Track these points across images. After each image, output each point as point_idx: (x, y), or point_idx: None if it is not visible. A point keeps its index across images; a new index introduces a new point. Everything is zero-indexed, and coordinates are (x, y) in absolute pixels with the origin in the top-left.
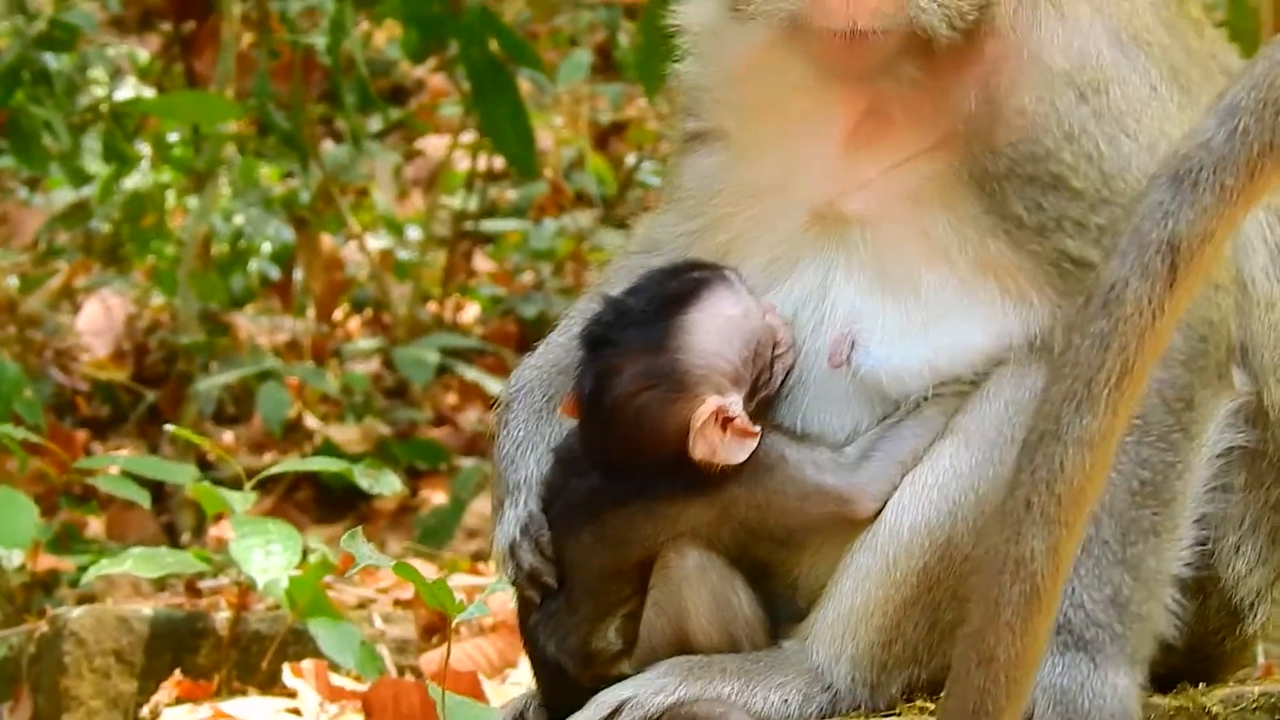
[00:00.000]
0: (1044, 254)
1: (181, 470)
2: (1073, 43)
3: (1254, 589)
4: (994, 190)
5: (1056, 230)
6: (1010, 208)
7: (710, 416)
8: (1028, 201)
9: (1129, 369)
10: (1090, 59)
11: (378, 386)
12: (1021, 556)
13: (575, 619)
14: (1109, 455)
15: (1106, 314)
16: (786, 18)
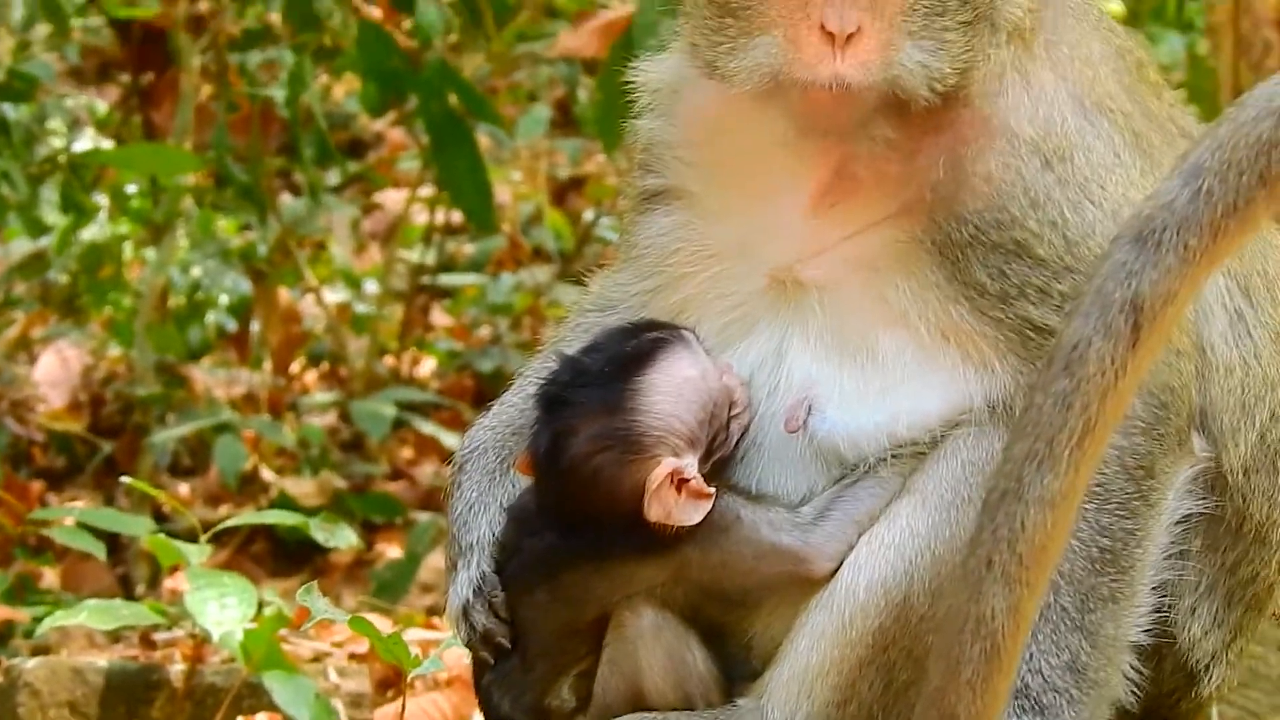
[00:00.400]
0: (1007, 321)
1: (137, 522)
2: (1038, 110)
3: (1209, 651)
4: (957, 257)
5: (1020, 297)
6: (973, 275)
7: (666, 478)
8: (991, 269)
9: (1091, 428)
10: (1055, 126)
11: (334, 440)
12: (982, 615)
13: (530, 678)
14: (1070, 514)
15: (1069, 373)
16: (768, 73)
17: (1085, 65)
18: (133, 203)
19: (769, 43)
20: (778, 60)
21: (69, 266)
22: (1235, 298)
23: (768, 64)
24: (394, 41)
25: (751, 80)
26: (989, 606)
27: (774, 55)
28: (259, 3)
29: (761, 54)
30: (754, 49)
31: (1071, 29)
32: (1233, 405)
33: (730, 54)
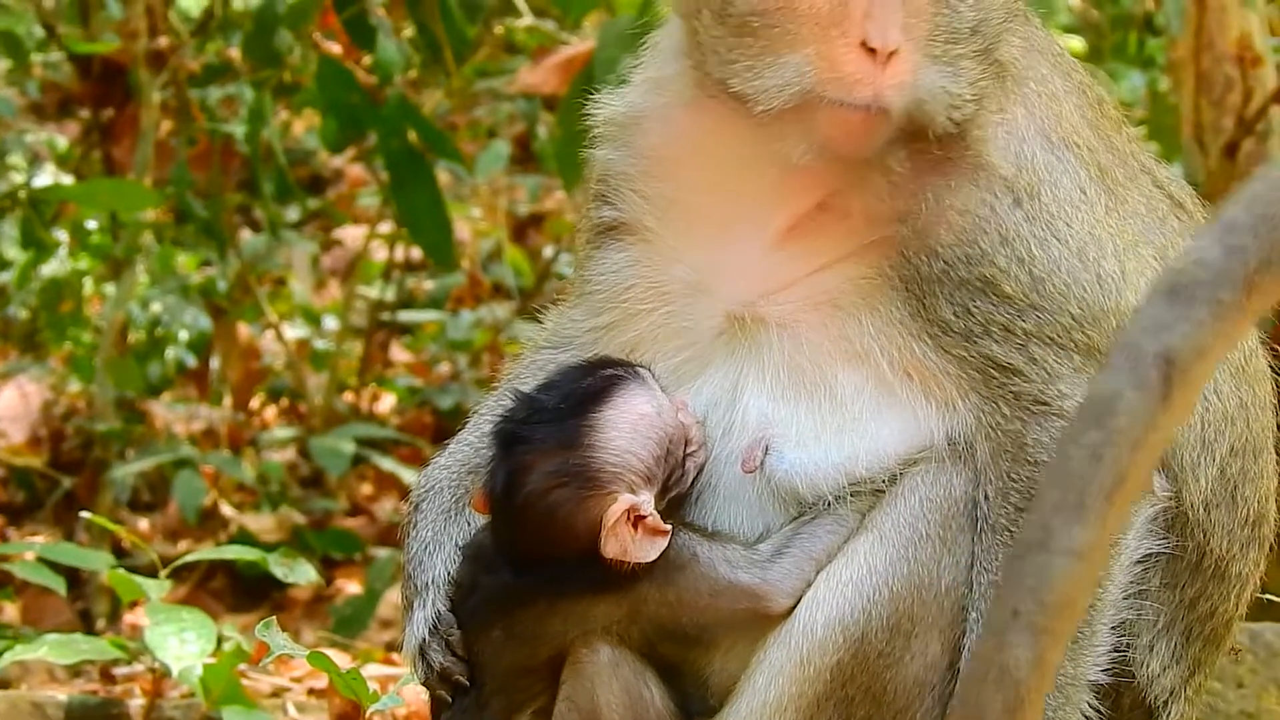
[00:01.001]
0: (970, 359)
1: (97, 557)
2: (1010, 146)
3: (1168, 688)
4: (923, 293)
5: (984, 335)
6: (938, 312)
7: (622, 515)
8: (957, 306)
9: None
10: (1026, 162)
11: (293, 476)
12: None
13: (486, 715)
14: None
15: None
16: (796, 93)
17: (1051, 101)
18: (93, 238)
19: (799, 61)
20: (810, 79)
21: (29, 302)
22: None
23: (797, 83)
24: (354, 77)
25: (777, 101)
26: (1013, 656)
27: (806, 74)
28: (219, 38)
29: (790, 73)
30: (781, 68)
31: (1036, 65)
32: (1193, 441)
33: (751, 74)
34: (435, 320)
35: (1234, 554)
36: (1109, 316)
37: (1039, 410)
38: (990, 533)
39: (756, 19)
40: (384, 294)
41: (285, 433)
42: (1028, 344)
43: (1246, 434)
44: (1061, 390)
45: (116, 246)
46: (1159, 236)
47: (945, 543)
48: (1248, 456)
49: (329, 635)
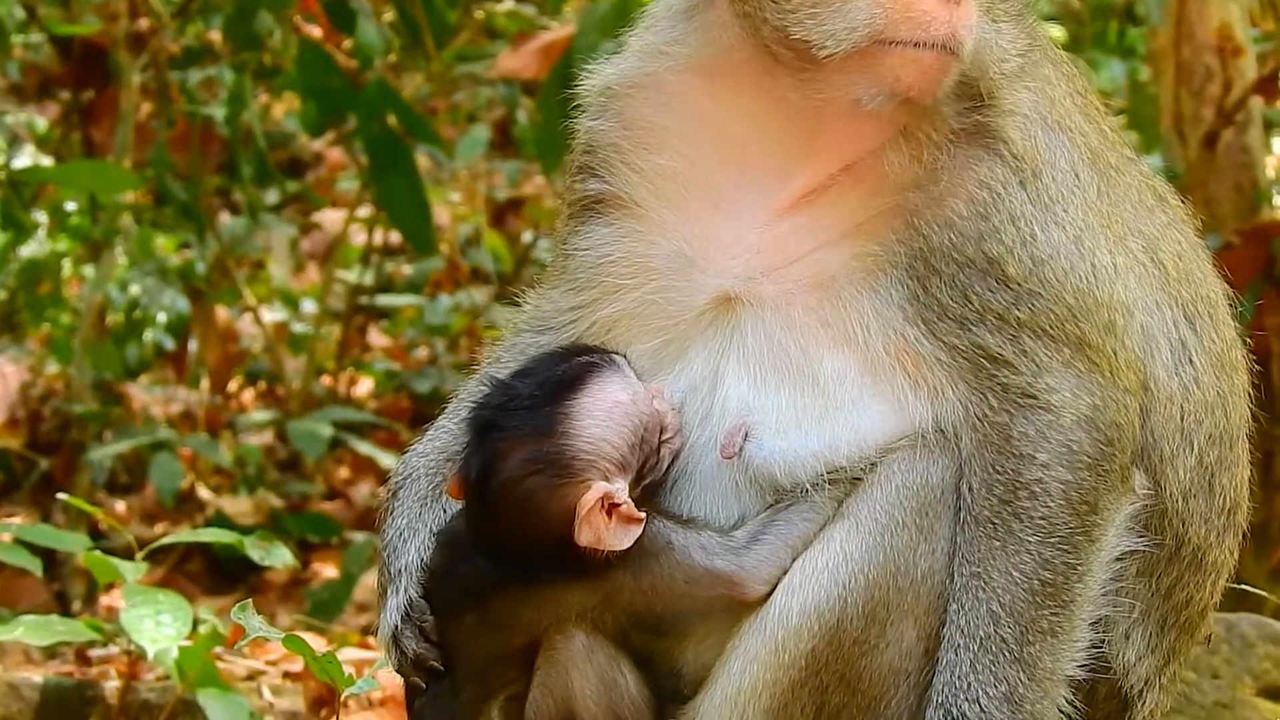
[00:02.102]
0: (961, 348)
1: (73, 539)
2: (1021, 126)
3: (1143, 677)
4: (925, 272)
5: (979, 323)
6: (936, 296)
7: (596, 502)
8: (956, 290)
9: None
10: (1032, 144)
11: (271, 459)
12: None
13: (460, 701)
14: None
15: None
16: (866, 35)
17: (1046, 85)
18: (72, 220)
19: (868, 4)
20: (881, 20)
21: (7, 283)
22: (1180, 326)
23: (867, 25)
24: (334, 61)
25: (846, 43)
26: None
27: (876, 16)
28: (199, 21)
29: (860, 15)
30: (849, 11)
31: (1032, 51)
32: (1172, 432)
33: (815, 20)
34: (413, 304)
35: (1211, 542)
36: (1101, 309)
37: (1027, 403)
38: (973, 524)
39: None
40: (362, 278)
41: (263, 416)
42: (1020, 335)
43: (1224, 423)
44: (1050, 384)
45: (95, 228)
46: (1148, 227)
47: (922, 530)
48: (1224, 445)
49: (305, 619)
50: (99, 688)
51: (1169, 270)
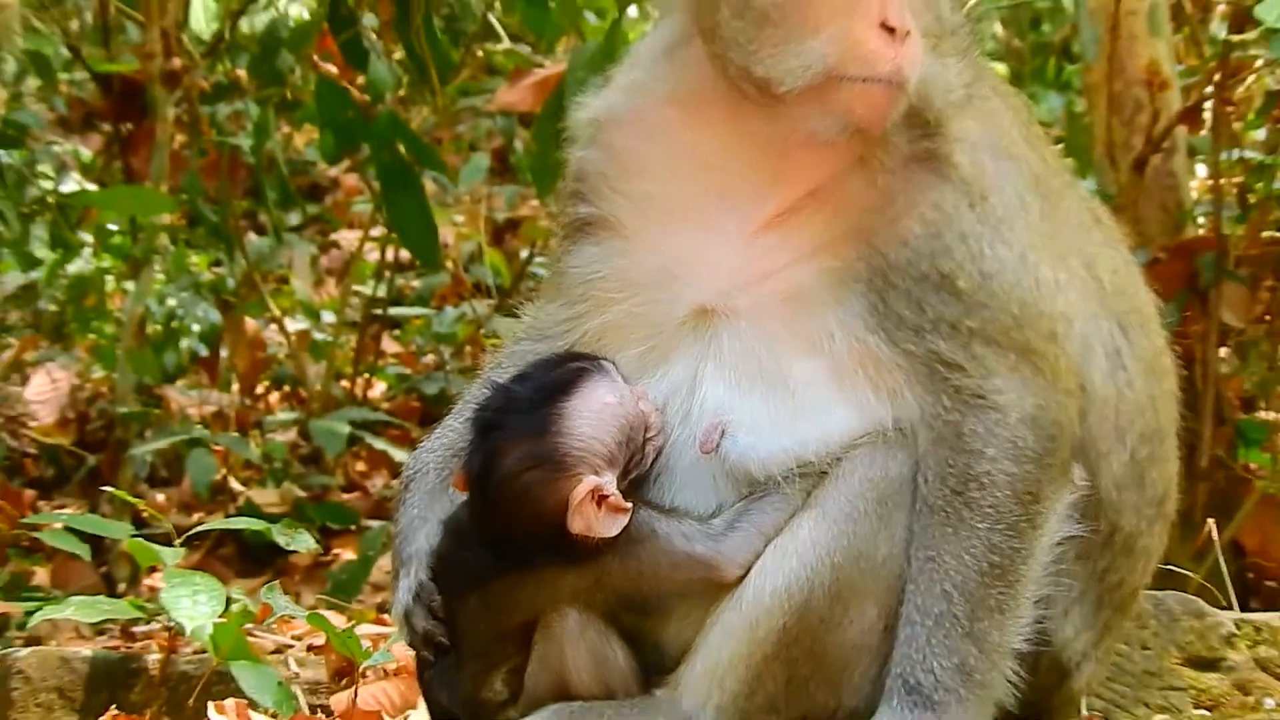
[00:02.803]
0: (918, 354)
1: (118, 527)
2: (968, 153)
3: (1080, 651)
4: (885, 286)
5: (933, 331)
6: (894, 307)
7: (587, 495)
8: (912, 302)
9: None
10: (979, 169)
11: (295, 454)
12: None
13: (465, 674)
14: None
15: None
16: (820, 72)
17: (992, 116)
18: (114, 240)
19: (820, 44)
20: (832, 59)
21: (57, 297)
22: (1115, 335)
23: (820, 63)
24: (349, 96)
25: (801, 81)
26: None
27: (828, 54)
28: (227, 60)
29: (813, 54)
30: (803, 51)
31: (983, 82)
32: (1107, 431)
33: (773, 58)
34: (422, 315)
35: (1142, 530)
36: (1044, 319)
37: (977, 403)
38: (928, 513)
39: (776, 10)
40: (376, 291)
41: (287, 416)
42: (971, 342)
43: (1155, 422)
44: (998, 386)
45: (135, 247)
46: (1086, 245)
47: (882, 519)
48: (1155, 442)
49: (326, 598)
50: (142, 660)
51: (1105, 284)
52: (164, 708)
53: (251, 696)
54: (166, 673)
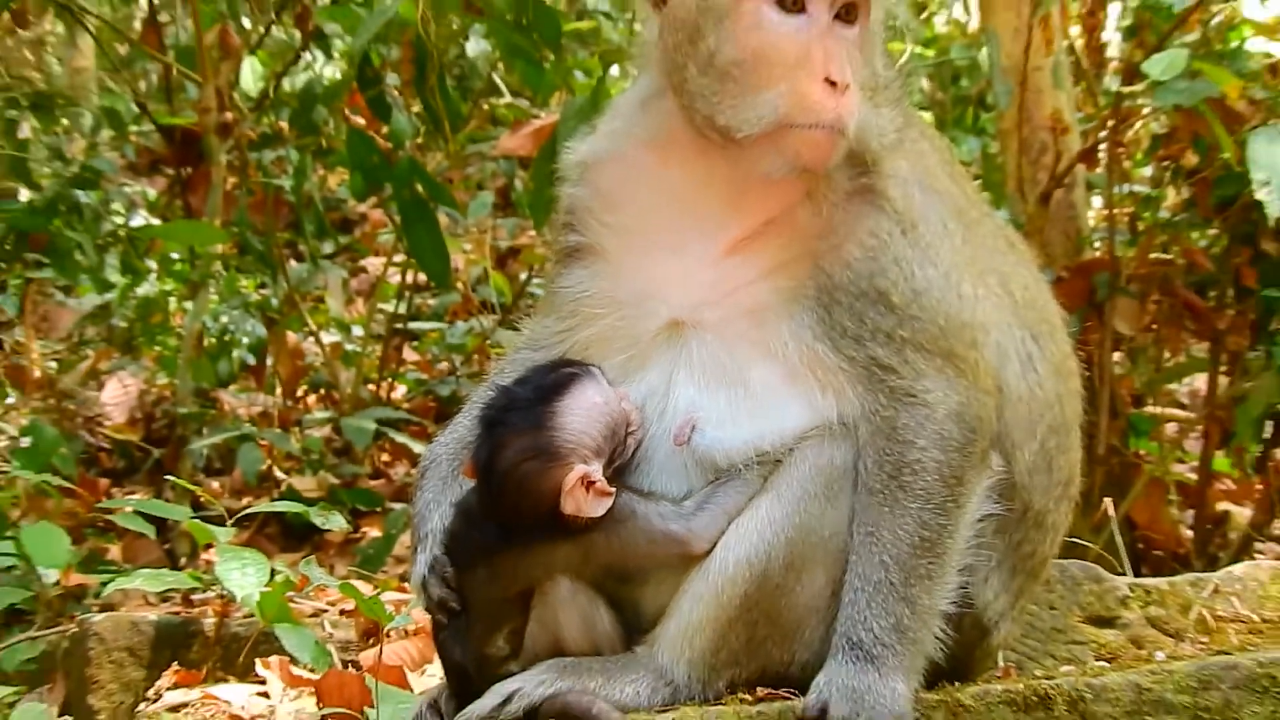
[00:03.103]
0: (858, 359)
1: (179, 510)
2: (900, 187)
3: (999, 611)
4: (829, 303)
5: (871, 340)
6: (838, 319)
7: (577, 480)
8: (853, 315)
9: None
10: (910, 201)
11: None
12: None
13: (474, 633)
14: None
15: None
16: (773, 120)
17: (921, 156)
18: (175, 267)
19: (774, 95)
20: (784, 109)
21: (127, 315)
22: (1026, 342)
23: (773, 113)
24: (374, 143)
25: (757, 128)
26: None
27: (780, 105)
28: (271, 113)
29: (767, 106)
30: (759, 103)
31: (910, 130)
32: (1021, 424)
33: (733, 108)
34: (437, 329)
35: (1050, 508)
36: (965, 329)
37: (908, 401)
38: (868, 494)
39: (735, 68)
40: (398, 309)
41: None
42: (903, 349)
43: (1061, 417)
44: (926, 386)
45: (193, 273)
46: (1002, 265)
47: (829, 500)
48: (1061, 434)
49: (356, 569)
50: (199, 624)
51: (1017, 299)
52: (218, 664)
53: (292, 654)
54: (220, 634)
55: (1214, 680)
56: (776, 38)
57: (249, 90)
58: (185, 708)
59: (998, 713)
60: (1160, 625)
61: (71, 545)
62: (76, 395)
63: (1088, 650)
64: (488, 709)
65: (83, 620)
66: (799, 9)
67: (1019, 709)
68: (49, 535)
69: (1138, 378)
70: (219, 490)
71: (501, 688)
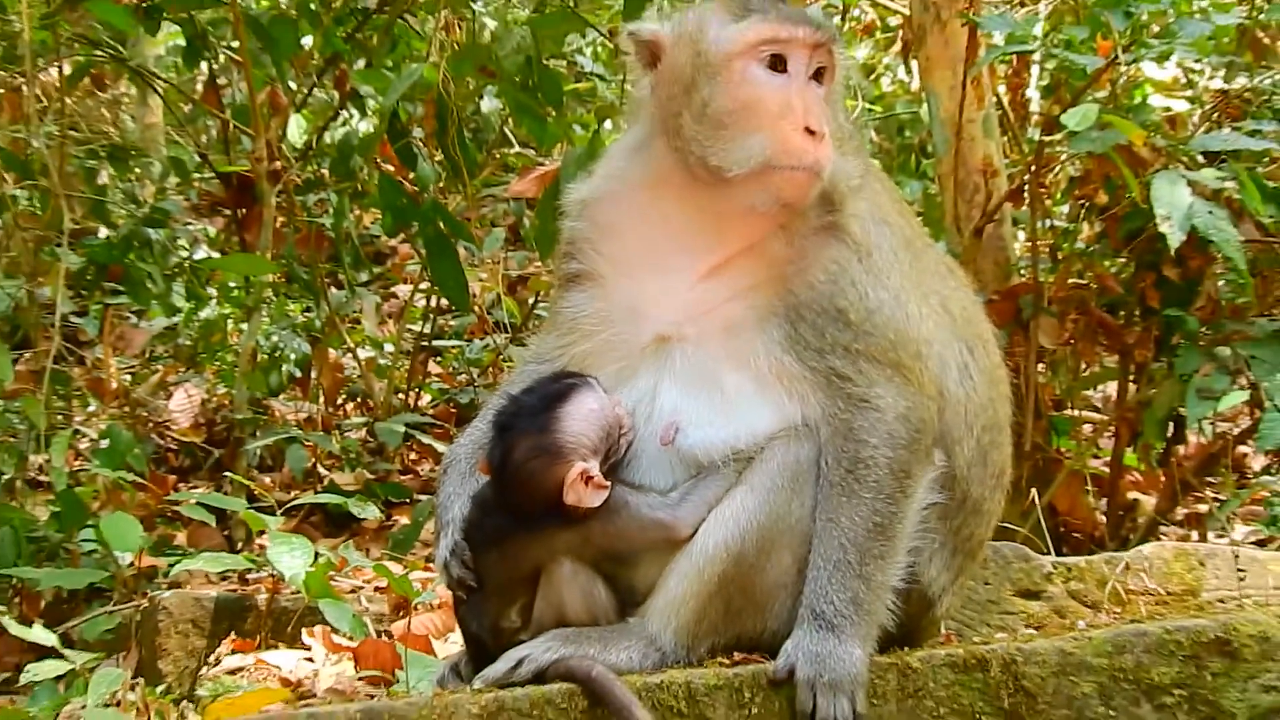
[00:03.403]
0: (820, 368)
1: (236, 502)
2: (856, 220)
3: (942, 586)
4: (795, 319)
5: (830, 352)
6: (802, 334)
7: (577, 476)
8: (816, 330)
9: None
10: (866, 234)
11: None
12: None
13: (488, 607)
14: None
15: None
16: (760, 162)
17: (876, 195)
18: (232, 293)
19: (760, 140)
20: (769, 152)
21: (191, 335)
22: (964, 354)
23: (760, 155)
24: (402, 187)
25: (746, 168)
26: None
27: (766, 149)
28: (315, 162)
29: (754, 149)
30: (747, 146)
31: (867, 174)
32: (960, 424)
33: (724, 151)
34: (457, 346)
35: (985, 496)
36: (912, 343)
37: (863, 405)
38: (828, 486)
39: (728, 116)
40: (423, 329)
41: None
42: (858, 360)
43: (994, 418)
44: (878, 393)
45: (248, 298)
46: (943, 289)
47: (795, 492)
48: (994, 432)
49: (388, 552)
50: (253, 599)
51: (956, 317)
52: (269, 634)
53: (333, 625)
54: (271, 608)
55: (1127, 645)
56: (763, 92)
57: (295, 142)
58: (241, 671)
59: (941, 674)
60: (1080, 598)
61: (143, 532)
62: (148, 404)
63: (1018, 620)
64: (501, 672)
65: (153, 596)
66: (782, 69)
67: (960, 670)
68: (124, 524)
69: (1058, 385)
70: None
71: (513, 654)
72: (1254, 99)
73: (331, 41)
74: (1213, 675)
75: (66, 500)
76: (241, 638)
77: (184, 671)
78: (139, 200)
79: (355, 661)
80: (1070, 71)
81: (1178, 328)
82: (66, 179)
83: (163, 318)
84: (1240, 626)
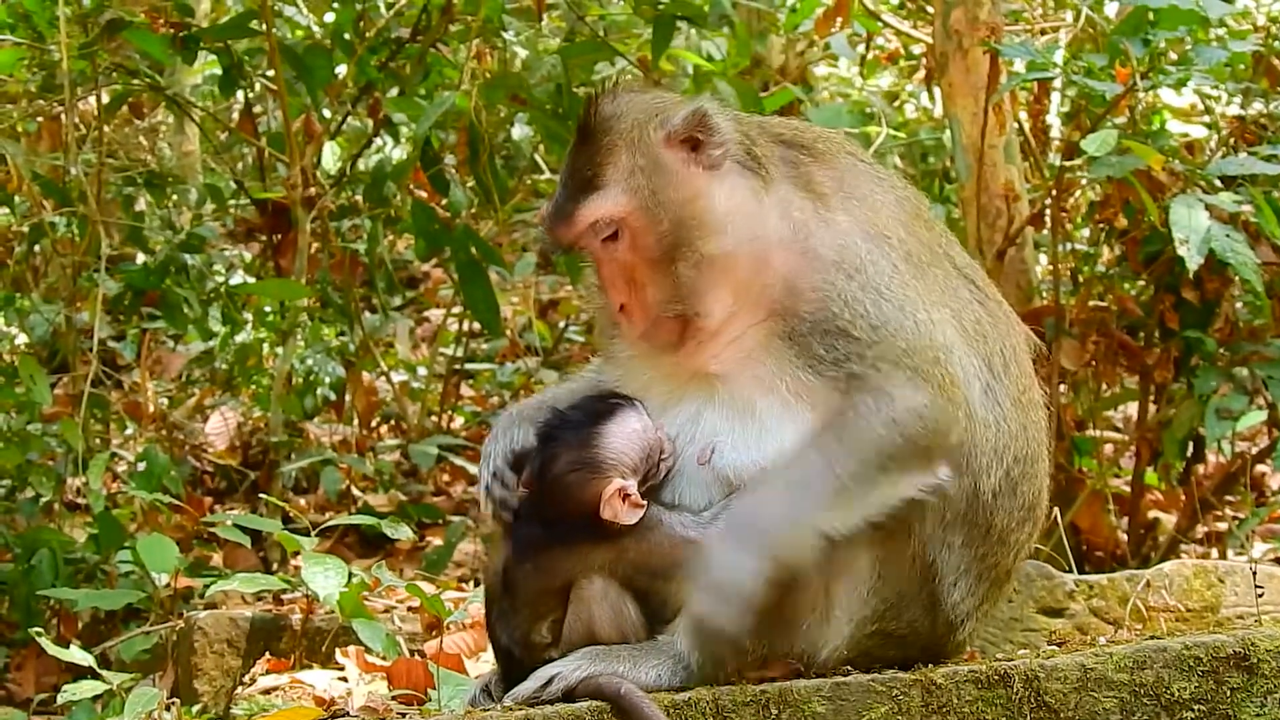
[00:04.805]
0: (839, 375)
1: (271, 523)
2: (836, 240)
3: (966, 611)
4: (801, 342)
5: (847, 360)
6: (814, 351)
7: (615, 492)
8: (825, 345)
9: None
10: (849, 250)
11: (398, 470)
12: None
13: (519, 621)
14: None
15: None
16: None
17: (870, 209)
18: (268, 318)
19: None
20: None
21: (228, 359)
22: (984, 373)
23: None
24: (435, 213)
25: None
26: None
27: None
28: (349, 189)
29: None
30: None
31: (861, 185)
32: (988, 450)
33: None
34: (489, 369)
35: (1012, 528)
36: (927, 349)
37: (875, 391)
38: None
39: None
40: (456, 352)
41: (393, 442)
42: (876, 362)
43: (1026, 447)
44: (895, 383)
45: (283, 323)
46: (953, 302)
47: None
48: (1026, 463)
49: (421, 573)
50: (288, 619)
51: (969, 330)
52: (304, 653)
53: (367, 644)
54: (306, 628)
55: (1148, 660)
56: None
57: (329, 169)
58: (276, 690)
59: (965, 690)
60: (1101, 615)
61: (179, 553)
62: (184, 427)
63: (1040, 636)
64: (531, 690)
65: (189, 617)
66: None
67: (983, 686)
68: (161, 545)
69: (1080, 406)
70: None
71: (543, 672)
72: (1270, 124)
73: (365, 70)
74: (1232, 690)
75: (104, 522)
76: (276, 657)
77: (219, 691)
78: (176, 227)
79: (388, 681)
80: (1090, 98)
81: (1196, 349)
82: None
83: (199, 342)
84: (1259, 641)
